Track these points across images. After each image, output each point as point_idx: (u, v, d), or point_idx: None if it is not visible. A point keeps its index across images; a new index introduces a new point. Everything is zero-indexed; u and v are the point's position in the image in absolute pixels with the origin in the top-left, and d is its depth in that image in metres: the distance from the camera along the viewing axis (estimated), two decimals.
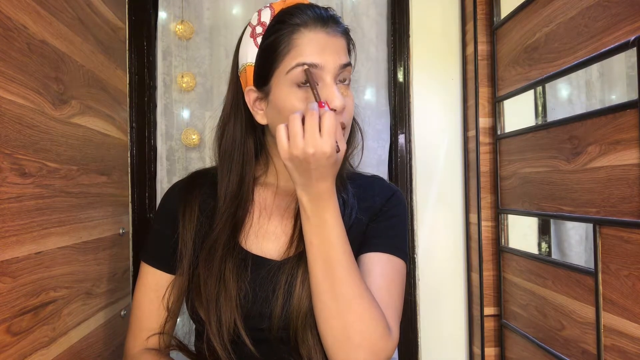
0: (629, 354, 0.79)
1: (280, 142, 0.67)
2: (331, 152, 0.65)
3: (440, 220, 1.45)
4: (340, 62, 0.73)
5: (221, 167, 0.82)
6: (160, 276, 0.84)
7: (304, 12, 0.72)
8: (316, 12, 0.73)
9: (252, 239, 0.82)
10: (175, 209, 0.84)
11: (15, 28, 0.74)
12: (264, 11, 0.76)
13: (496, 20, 1.29)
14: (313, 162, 0.65)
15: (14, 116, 0.73)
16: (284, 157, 0.68)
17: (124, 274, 1.26)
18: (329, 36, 0.72)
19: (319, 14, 0.73)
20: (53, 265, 0.85)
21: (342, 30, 0.75)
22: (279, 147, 0.68)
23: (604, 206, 0.85)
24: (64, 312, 0.89)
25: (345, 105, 0.72)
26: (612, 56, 0.84)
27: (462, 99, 1.45)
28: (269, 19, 0.74)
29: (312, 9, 0.73)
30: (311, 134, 0.64)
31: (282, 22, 0.73)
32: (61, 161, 0.89)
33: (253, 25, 0.76)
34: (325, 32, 0.72)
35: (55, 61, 0.87)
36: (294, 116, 0.66)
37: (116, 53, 1.23)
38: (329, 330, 0.69)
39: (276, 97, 0.73)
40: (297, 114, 0.67)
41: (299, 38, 0.71)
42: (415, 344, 1.44)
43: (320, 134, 0.64)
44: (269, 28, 0.73)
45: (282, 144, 0.67)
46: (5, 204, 0.70)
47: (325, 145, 0.64)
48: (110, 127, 1.18)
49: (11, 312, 0.72)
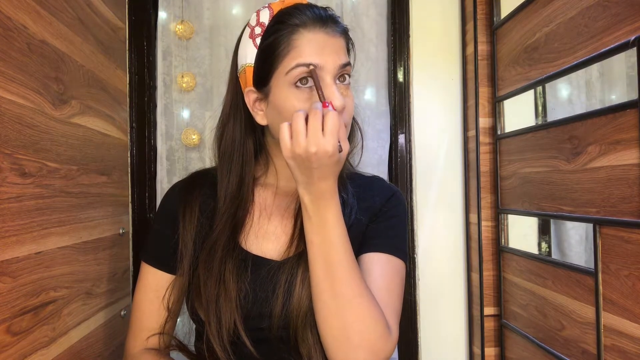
0: (629, 354, 0.79)
1: (283, 140, 0.67)
2: (333, 152, 0.65)
3: (440, 220, 1.45)
4: (340, 62, 0.73)
5: (221, 167, 0.82)
6: (160, 276, 0.84)
7: (303, 12, 0.72)
8: (315, 12, 0.73)
9: (252, 239, 0.82)
10: (175, 209, 0.84)
11: (15, 28, 0.74)
12: (263, 12, 0.76)
13: (496, 20, 1.29)
14: (315, 161, 0.65)
15: (14, 116, 0.73)
16: (286, 156, 0.68)
17: (124, 274, 1.26)
18: (328, 36, 0.72)
19: (318, 14, 0.73)
20: (53, 265, 0.85)
21: (341, 30, 0.75)
22: (282, 145, 0.67)
23: (604, 206, 0.85)
24: (64, 312, 0.89)
25: (345, 105, 0.72)
26: (612, 56, 0.83)
27: (462, 99, 1.45)
28: (268, 20, 0.74)
29: (310, 9, 0.73)
30: (314, 133, 0.64)
31: (281, 22, 0.72)
32: (61, 161, 0.89)
33: (252, 26, 0.76)
34: (324, 32, 0.72)
35: (55, 61, 0.87)
36: (298, 114, 0.66)
37: (116, 53, 1.23)
38: (328, 329, 0.69)
39: (276, 98, 0.73)
40: (301, 112, 0.67)
41: (298, 39, 0.71)
42: (415, 344, 1.44)
43: (323, 134, 0.64)
44: (268, 29, 0.73)
45: (284, 142, 0.67)
46: (5, 204, 0.70)
47: (327, 145, 0.64)
48: (110, 127, 1.17)
49: (11, 312, 0.72)
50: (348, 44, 0.78)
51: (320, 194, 0.69)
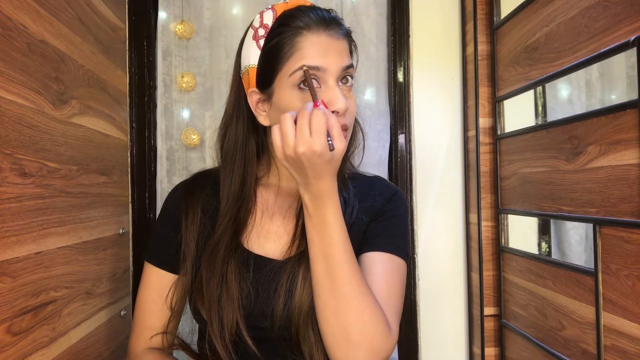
0: (629, 354, 0.79)
1: (275, 143, 0.68)
2: (322, 151, 0.65)
3: (440, 220, 1.45)
4: (343, 64, 0.73)
5: (223, 168, 0.83)
6: (163, 276, 0.84)
7: (307, 14, 0.73)
8: (318, 15, 0.73)
9: (254, 239, 0.82)
10: (177, 210, 0.84)
11: (15, 28, 0.74)
12: (266, 13, 0.76)
13: (496, 20, 1.29)
14: (305, 161, 0.66)
15: (14, 116, 0.73)
16: (279, 157, 0.69)
17: (124, 274, 1.26)
18: (331, 39, 0.72)
19: (322, 16, 0.73)
20: (53, 265, 0.85)
21: (344, 32, 0.76)
22: (275, 147, 0.69)
23: (604, 206, 0.85)
24: (64, 312, 0.89)
25: (348, 107, 0.73)
26: (612, 56, 0.83)
27: (462, 99, 1.45)
28: (272, 21, 0.74)
29: (314, 11, 0.74)
30: (301, 133, 0.65)
31: (284, 24, 0.73)
32: (61, 161, 0.89)
33: (255, 28, 0.76)
34: (327, 34, 0.72)
35: (55, 61, 0.87)
36: (285, 116, 0.67)
37: (116, 53, 1.23)
38: (329, 328, 0.70)
39: (279, 99, 0.74)
40: (289, 114, 0.67)
41: (302, 41, 0.71)
42: (415, 344, 1.44)
43: (310, 133, 0.65)
44: (272, 30, 0.74)
45: (276, 143, 0.68)
46: (5, 204, 0.70)
47: (315, 144, 0.65)
48: (110, 127, 1.18)
49: (11, 312, 0.72)
50: (351, 46, 0.79)
51: (318, 193, 0.69)
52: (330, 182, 0.70)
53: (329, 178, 0.69)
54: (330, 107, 0.71)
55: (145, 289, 0.86)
